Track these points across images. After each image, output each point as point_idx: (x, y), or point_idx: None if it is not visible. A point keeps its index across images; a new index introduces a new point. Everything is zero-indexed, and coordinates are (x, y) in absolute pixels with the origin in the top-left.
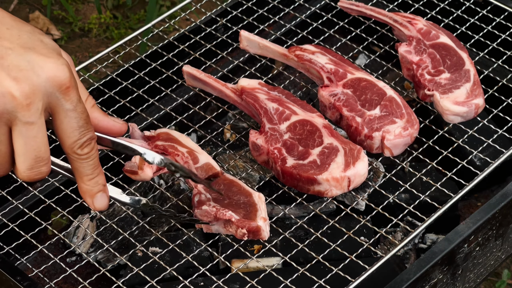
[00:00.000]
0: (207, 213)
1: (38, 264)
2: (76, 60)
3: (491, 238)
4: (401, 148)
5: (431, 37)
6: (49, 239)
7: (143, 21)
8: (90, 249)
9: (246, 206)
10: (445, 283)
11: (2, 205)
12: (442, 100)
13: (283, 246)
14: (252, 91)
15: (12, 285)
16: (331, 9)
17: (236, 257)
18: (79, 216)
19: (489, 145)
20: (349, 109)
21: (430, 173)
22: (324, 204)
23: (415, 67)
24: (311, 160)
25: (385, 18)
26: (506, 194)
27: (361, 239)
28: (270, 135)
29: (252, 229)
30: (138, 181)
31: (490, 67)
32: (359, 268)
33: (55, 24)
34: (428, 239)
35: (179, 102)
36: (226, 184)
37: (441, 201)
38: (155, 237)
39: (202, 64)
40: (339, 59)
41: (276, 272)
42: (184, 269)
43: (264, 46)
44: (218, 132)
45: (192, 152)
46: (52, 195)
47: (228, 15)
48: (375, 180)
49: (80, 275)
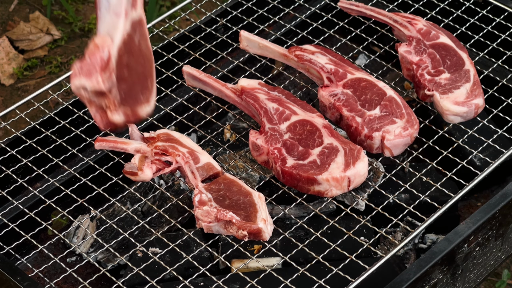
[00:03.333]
0: (208, 213)
1: (38, 264)
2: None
3: (491, 238)
4: (401, 148)
5: (431, 37)
6: (49, 239)
7: None
8: (90, 249)
9: (247, 206)
10: (445, 283)
11: (2, 205)
12: (442, 100)
13: (283, 246)
14: (252, 91)
15: (12, 285)
16: (331, 9)
17: (236, 257)
18: (79, 216)
19: (489, 145)
20: (349, 109)
21: (430, 173)
22: (324, 204)
23: (415, 67)
24: (311, 160)
25: (385, 18)
26: (506, 194)
27: (361, 239)
28: (270, 135)
29: (253, 231)
30: (138, 182)
31: (490, 67)
32: (359, 268)
33: (55, 24)
34: (428, 239)
35: (179, 102)
36: (226, 184)
37: (441, 201)
38: (155, 237)
39: (202, 64)
40: (339, 59)
41: (276, 272)
42: (184, 269)
43: (264, 46)
44: (218, 132)
45: (193, 152)
46: (52, 195)
47: (228, 15)
48: (375, 180)
49: (80, 275)
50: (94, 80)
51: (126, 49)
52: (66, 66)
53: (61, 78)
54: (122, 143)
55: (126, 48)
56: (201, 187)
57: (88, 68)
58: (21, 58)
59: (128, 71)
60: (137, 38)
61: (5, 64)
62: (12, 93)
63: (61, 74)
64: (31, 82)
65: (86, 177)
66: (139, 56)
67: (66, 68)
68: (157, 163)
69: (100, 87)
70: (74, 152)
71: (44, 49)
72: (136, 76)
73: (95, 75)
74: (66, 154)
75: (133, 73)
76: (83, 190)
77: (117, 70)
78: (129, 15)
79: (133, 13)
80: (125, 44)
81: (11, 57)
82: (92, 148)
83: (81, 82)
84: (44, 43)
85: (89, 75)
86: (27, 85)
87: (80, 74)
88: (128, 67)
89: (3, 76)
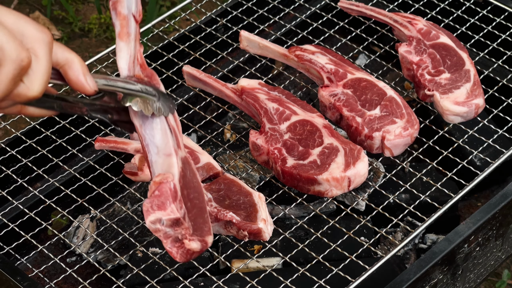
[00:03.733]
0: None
1: (38, 264)
2: None
3: (491, 238)
4: (401, 148)
5: (431, 37)
6: (49, 239)
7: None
8: (90, 249)
9: (247, 206)
10: (445, 283)
11: (2, 205)
12: (442, 100)
13: (283, 246)
14: (252, 91)
15: (12, 285)
16: (331, 9)
17: (236, 257)
18: (79, 216)
19: (489, 145)
20: (349, 109)
21: (430, 173)
22: (324, 204)
23: (415, 67)
24: (311, 160)
25: (385, 18)
26: (506, 194)
27: (361, 239)
28: (270, 135)
29: (253, 231)
30: (138, 182)
31: (490, 67)
32: (359, 268)
33: (55, 24)
34: (428, 239)
35: (179, 102)
36: (227, 184)
37: (441, 201)
38: (155, 237)
39: (202, 64)
40: (339, 59)
41: (276, 272)
42: (184, 270)
43: (264, 46)
44: (218, 132)
45: (193, 152)
46: (52, 195)
47: (228, 15)
48: (375, 180)
49: (80, 275)
50: (169, 210)
51: (184, 183)
52: None
53: None
54: (122, 143)
55: (184, 182)
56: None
57: (160, 201)
58: None
59: (191, 204)
60: (189, 174)
61: None
62: None
63: None
64: None
65: (86, 177)
66: (194, 190)
67: None
68: None
69: (176, 215)
70: (74, 152)
71: None
72: (196, 209)
73: (169, 205)
74: (66, 154)
75: (194, 205)
76: (83, 190)
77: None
78: (178, 153)
79: (180, 152)
80: (183, 178)
81: None
82: (92, 148)
83: (156, 216)
84: None
85: (163, 207)
86: None
87: (153, 209)
88: (189, 199)
89: None
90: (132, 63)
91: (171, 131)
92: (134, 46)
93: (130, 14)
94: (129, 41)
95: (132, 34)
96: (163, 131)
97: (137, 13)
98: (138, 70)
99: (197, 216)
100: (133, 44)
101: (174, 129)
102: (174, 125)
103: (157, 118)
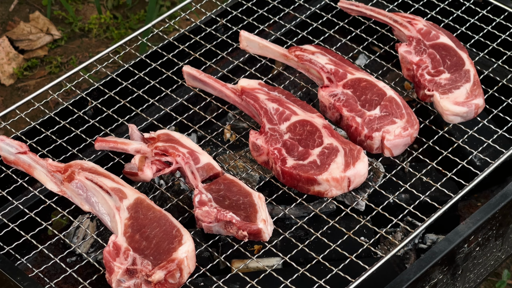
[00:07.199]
0: (208, 214)
1: (38, 264)
2: (76, 60)
3: (491, 238)
4: (401, 148)
5: (431, 37)
6: (49, 239)
7: (143, 21)
8: (90, 249)
9: (247, 206)
10: (445, 283)
11: (2, 205)
12: (442, 100)
13: (283, 246)
14: (252, 91)
15: (12, 285)
16: (331, 9)
17: (236, 258)
18: (79, 216)
19: (489, 145)
20: (349, 109)
21: (430, 173)
22: (324, 204)
23: (415, 67)
24: (311, 160)
25: (385, 19)
26: (506, 194)
27: (361, 239)
28: (270, 136)
29: (253, 232)
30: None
31: (490, 67)
32: (359, 268)
33: (55, 24)
34: (428, 239)
35: (179, 102)
36: (226, 184)
37: (441, 201)
38: None
39: (202, 64)
40: (339, 59)
41: (276, 272)
42: None
43: (264, 46)
44: (218, 132)
45: (193, 153)
46: (52, 195)
47: (228, 15)
48: (375, 180)
49: (80, 275)
50: (116, 269)
51: (136, 228)
52: (66, 66)
53: (61, 78)
54: (122, 144)
55: (135, 227)
56: (201, 187)
57: (107, 267)
58: (21, 58)
59: (147, 241)
60: (141, 213)
61: (5, 64)
62: (12, 93)
63: (61, 74)
64: (31, 82)
65: None
66: (150, 223)
67: (66, 68)
68: (157, 164)
69: (123, 267)
70: (74, 152)
71: (44, 49)
72: (157, 238)
73: (113, 265)
74: (66, 154)
75: (154, 236)
76: None
77: (134, 246)
78: (120, 208)
79: (125, 202)
80: (132, 224)
81: (11, 57)
82: (92, 148)
83: (114, 280)
84: (44, 43)
85: (111, 270)
86: (27, 85)
87: (109, 276)
88: (144, 238)
89: (3, 76)
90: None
91: (108, 192)
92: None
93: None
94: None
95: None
96: (101, 200)
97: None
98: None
99: (161, 241)
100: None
101: (103, 186)
102: (101, 180)
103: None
